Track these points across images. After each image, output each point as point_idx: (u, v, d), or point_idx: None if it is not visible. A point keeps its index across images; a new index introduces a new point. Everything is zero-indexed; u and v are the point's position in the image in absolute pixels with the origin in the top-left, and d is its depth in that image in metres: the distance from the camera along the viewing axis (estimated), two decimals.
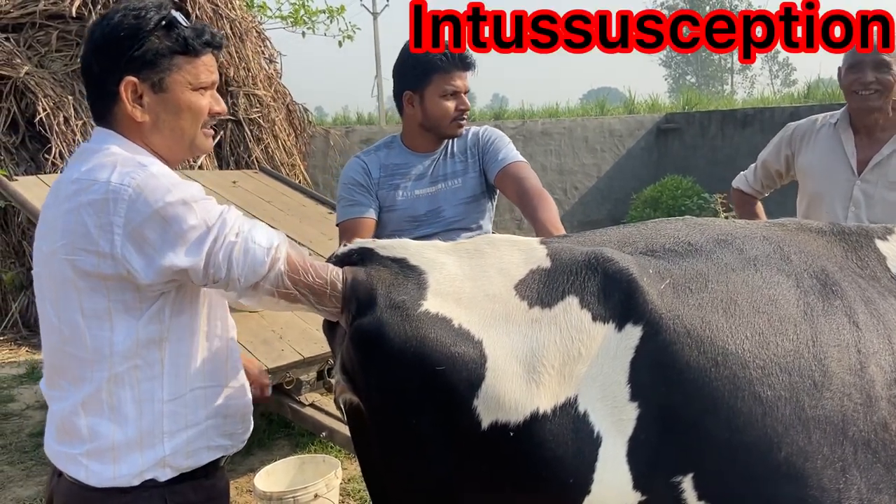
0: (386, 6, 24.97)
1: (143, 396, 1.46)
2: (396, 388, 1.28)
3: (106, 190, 1.37)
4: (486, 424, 1.25)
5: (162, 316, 1.45)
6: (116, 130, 1.51)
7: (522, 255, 1.39)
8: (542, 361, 1.27)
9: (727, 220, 1.71)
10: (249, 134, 8.00)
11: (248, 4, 9.56)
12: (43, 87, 6.81)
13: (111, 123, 1.52)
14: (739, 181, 3.15)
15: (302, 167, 8.71)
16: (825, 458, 1.32)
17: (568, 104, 14.60)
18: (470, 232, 2.47)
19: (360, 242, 1.45)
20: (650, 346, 1.29)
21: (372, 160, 2.51)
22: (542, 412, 1.25)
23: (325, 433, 3.33)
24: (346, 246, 1.46)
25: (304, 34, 11.25)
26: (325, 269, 1.38)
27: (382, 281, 1.33)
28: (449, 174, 2.50)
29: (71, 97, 6.90)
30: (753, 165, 3.10)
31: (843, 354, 1.39)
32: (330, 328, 1.50)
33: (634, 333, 1.30)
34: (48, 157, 6.56)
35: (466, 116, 2.46)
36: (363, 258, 1.40)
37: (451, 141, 2.53)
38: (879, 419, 1.38)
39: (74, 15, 7.10)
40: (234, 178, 5.79)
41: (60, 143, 6.63)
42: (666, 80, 50.72)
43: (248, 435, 1.68)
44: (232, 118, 7.84)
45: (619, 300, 1.31)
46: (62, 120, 6.73)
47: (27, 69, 6.84)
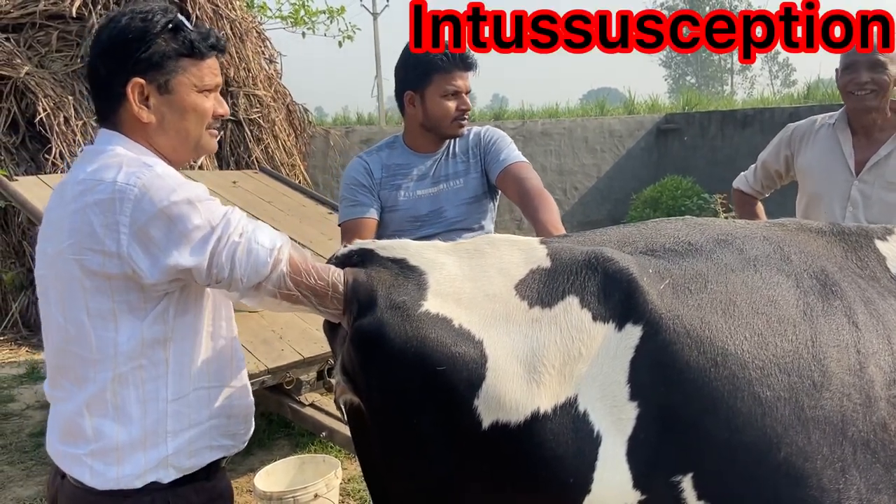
0: (386, 6, 24.94)
1: (147, 396, 1.47)
2: (397, 388, 1.28)
3: (112, 190, 1.38)
4: (486, 424, 1.25)
5: (166, 316, 1.46)
6: (121, 132, 1.52)
7: (522, 254, 1.39)
8: (542, 361, 1.27)
9: (727, 220, 1.71)
10: (249, 134, 8.01)
11: (248, 5, 9.58)
12: (43, 87, 6.81)
13: (116, 125, 1.53)
14: (740, 181, 3.16)
15: (302, 167, 8.72)
16: (824, 458, 1.32)
17: (568, 104, 14.61)
18: (472, 232, 2.46)
19: (360, 243, 1.45)
20: (650, 345, 1.30)
21: (374, 160, 2.51)
22: (542, 412, 1.26)
23: (324, 433, 3.33)
24: (346, 247, 1.46)
25: (304, 34, 11.27)
26: (326, 270, 1.38)
27: (383, 282, 1.33)
28: (451, 174, 2.50)
29: (71, 97, 6.91)
30: (753, 166, 3.11)
31: (842, 355, 1.39)
32: (331, 329, 1.50)
33: (634, 333, 1.30)
34: (48, 157, 6.57)
35: (467, 116, 2.45)
36: (363, 259, 1.41)
37: (452, 141, 2.52)
38: (879, 419, 1.38)
39: (75, 15, 7.11)
40: (234, 178, 5.79)
41: (60, 143, 6.63)
42: (666, 80, 50.75)
43: (249, 435, 1.69)
44: (232, 118, 7.85)
45: (619, 300, 1.32)
46: (62, 120, 6.73)
47: (27, 69, 6.85)
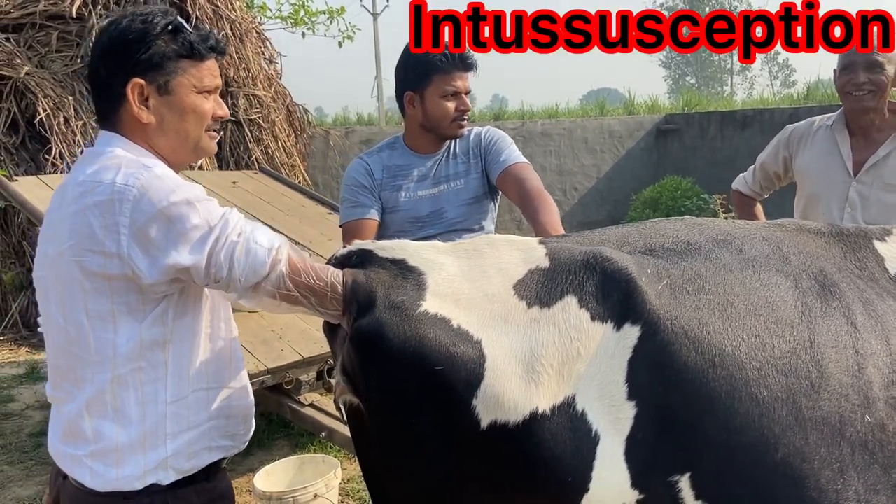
0: (386, 7, 24.94)
1: (146, 398, 1.47)
2: (396, 388, 1.28)
3: (111, 191, 1.38)
4: (485, 424, 1.25)
5: (165, 318, 1.46)
6: (121, 133, 1.53)
7: (521, 254, 1.40)
8: (540, 361, 1.27)
9: (726, 220, 1.71)
10: (249, 134, 8.01)
11: (248, 5, 9.58)
12: (43, 87, 6.81)
13: (116, 126, 1.53)
14: (739, 183, 3.16)
15: (302, 168, 8.73)
16: (822, 459, 1.32)
17: (568, 105, 14.60)
18: (472, 233, 2.46)
19: (359, 244, 1.45)
20: (648, 345, 1.30)
21: (375, 161, 2.51)
22: (540, 411, 1.26)
23: (324, 433, 3.33)
24: (345, 248, 1.47)
25: (304, 35, 11.28)
26: (325, 271, 1.39)
27: (382, 283, 1.33)
28: (451, 175, 2.50)
29: (71, 97, 6.91)
30: (752, 167, 3.11)
31: (840, 356, 1.39)
32: (331, 330, 1.50)
33: (632, 333, 1.30)
34: (48, 157, 6.57)
35: (467, 117, 2.45)
36: (363, 260, 1.41)
37: (453, 142, 2.52)
38: (877, 420, 1.38)
39: (75, 15, 7.11)
40: (234, 178, 5.79)
41: (60, 143, 6.64)
42: (665, 81, 50.73)
43: (249, 436, 1.69)
44: (232, 119, 7.85)
45: (617, 300, 1.32)
46: (62, 120, 6.73)
47: (27, 69, 6.85)
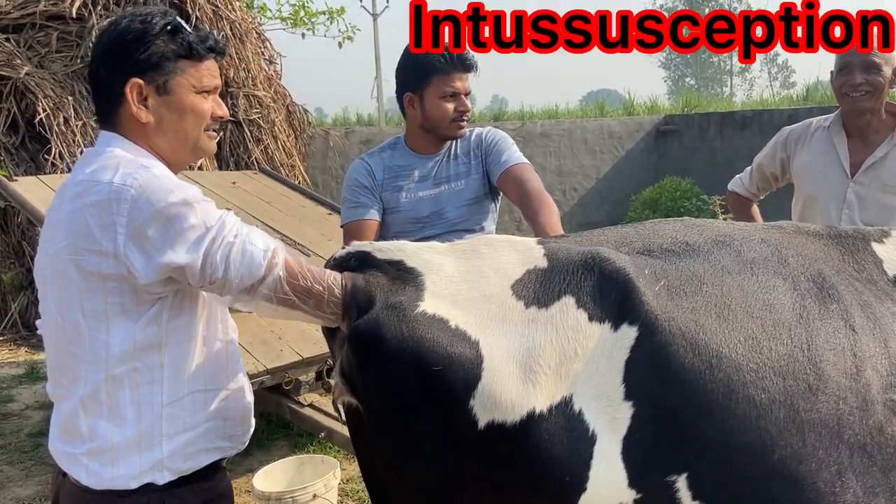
0: (386, 7, 24.92)
1: (142, 399, 1.47)
2: (394, 388, 1.29)
3: (109, 190, 1.39)
4: (482, 424, 1.25)
5: (160, 320, 1.47)
6: (120, 133, 1.53)
7: (519, 255, 1.40)
8: (538, 361, 1.27)
9: (725, 221, 1.71)
10: (249, 135, 8.01)
11: (248, 5, 9.58)
12: (43, 87, 6.81)
13: (116, 126, 1.54)
14: (735, 184, 3.16)
15: (301, 168, 8.73)
16: (820, 461, 1.32)
17: (567, 106, 14.60)
18: (473, 233, 2.45)
19: (357, 246, 1.45)
20: (645, 346, 1.30)
21: (376, 162, 2.51)
22: (538, 411, 1.26)
23: (323, 433, 3.33)
24: (343, 249, 1.47)
25: (303, 35, 11.29)
26: (322, 274, 1.39)
27: (381, 287, 1.34)
28: (452, 176, 2.50)
29: (71, 98, 6.91)
30: (749, 168, 3.11)
31: (838, 358, 1.39)
32: (330, 331, 1.51)
33: (630, 334, 1.31)
34: (48, 157, 6.57)
35: (467, 118, 2.45)
36: (361, 262, 1.41)
37: (454, 142, 2.53)
38: (875, 423, 1.38)
39: (74, 16, 7.11)
40: (233, 178, 5.79)
41: (60, 143, 6.63)
42: (665, 82, 50.70)
43: (248, 436, 1.69)
44: (232, 119, 7.85)
45: (615, 300, 1.32)
46: (62, 120, 6.73)
47: (27, 70, 6.85)
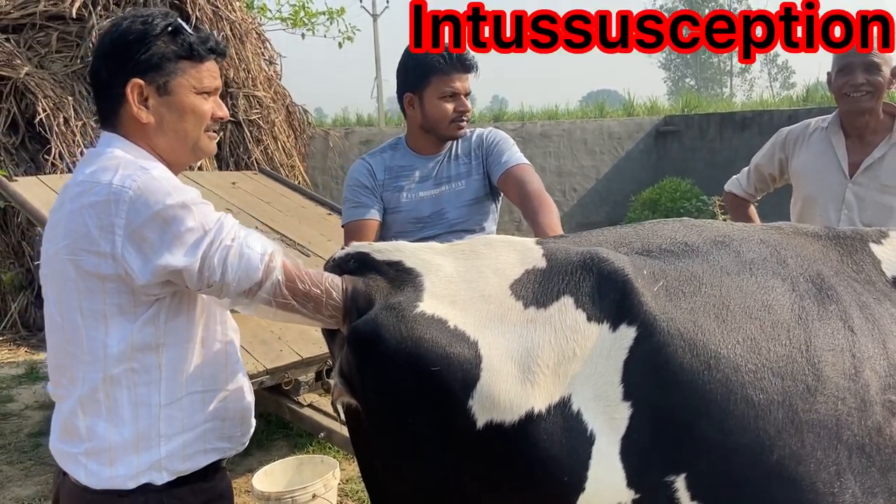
0: (386, 8, 24.92)
1: (139, 400, 1.48)
2: (393, 388, 1.29)
3: (108, 192, 1.39)
4: (481, 424, 1.25)
5: (157, 321, 1.47)
6: (121, 133, 1.54)
7: (518, 255, 1.40)
8: (536, 361, 1.27)
9: (724, 222, 1.71)
10: (249, 135, 8.01)
11: (248, 6, 9.58)
12: (43, 87, 6.81)
13: (117, 126, 1.54)
14: (732, 185, 3.16)
15: (301, 168, 8.73)
16: (819, 461, 1.32)
17: (567, 106, 14.59)
18: (473, 234, 2.45)
19: (356, 247, 1.45)
20: (644, 347, 1.30)
21: (377, 162, 2.52)
22: (536, 411, 1.26)
23: (323, 434, 3.33)
24: (342, 250, 1.47)
25: (303, 36, 11.27)
26: (320, 277, 1.39)
27: (381, 290, 1.34)
28: (453, 176, 2.50)
29: (71, 98, 6.91)
30: (746, 169, 3.11)
31: (837, 359, 1.39)
32: (330, 333, 1.51)
33: (628, 334, 1.31)
34: (48, 157, 6.57)
35: (466, 118, 2.45)
36: (359, 263, 1.41)
37: (455, 143, 2.53)
38: (874, 423, 1.38)
39: (75, 16, 7.11)
40: (233, 179, 5.79)
41: (60, 143, 6.63)
42: (665, 82, 50.68)
43: (248, 437, 1.69)
44: (232, 119, 7.84)
45: (613, 300, 1.32)
46: (62, 121, 6.73)
47: (27, 70, 6.85)
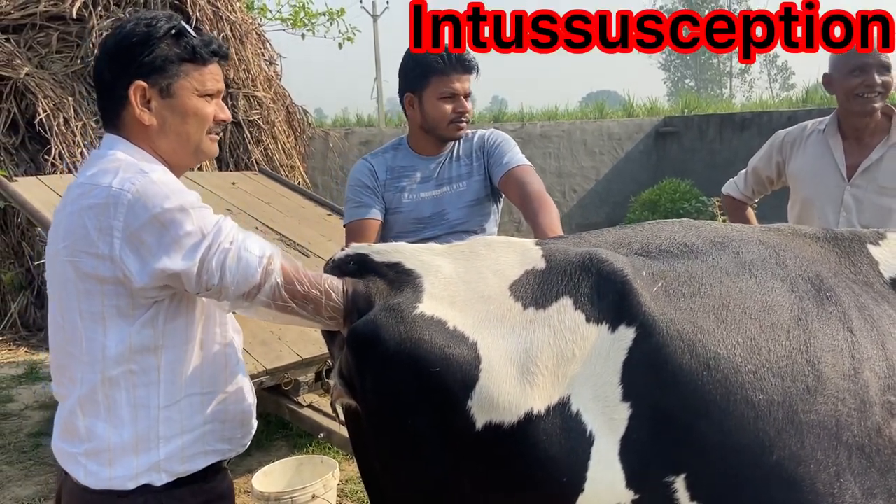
0: (386, 8, 24.96)
1: (138, 402, 1.48)
2: (392, 389, 1.29)
3: (107, 194, 1.39)
4: (480, 425, 1.26)
5: (156, 322, 1.47)
6: (124, 135, 1.54)
7: (517, 256, 1.40)
8: (535, 362, 1.27)
9: (724, 223, 1.71)
10: (249, 135, 8.01)
11: (248, 6, 9.58)
12: (43, 88, 6.81)
13: (119, 128, 1.55)
14: (730, 188, 3.15)
15: (301, 169, 8.72)
16: (818, 462, 1.32)
17: (567, 107, 14.58)
18: (474, 234, 2.46)
19: (355, 248, 1.45)
20: (643, 347, 1.30)
21: (379, 162, 2.53)
22: (535, 412, 1.26)
23: (322, 434, 3.34)
24: (342, 251, 1.47)
25: (303, 36, 11.27)
26: (319, 278, 1.40)
27: (381, 291, 1.35)
28: (454, 177, 2.51)
29: (71, 98, 6.91)
30: (744, 172, 3.10)
31: (837, 360, 1.39)
32: (330, 334, 1.51)
33: (627, 335, 1.31)
34: (48, 157, 6.56)
35: (465, 119, 2.45)
36: (359, 264, 1.41)
37: (457, 144, 2.53)
38: (873, 424, 1.38)
39: (75, 16, 7.11)
40: (233, 179, 5.79)
41: (60, 144, 6.63)
42: (665, 83, 50.66)
43: (249, 439, 1.69)
44: (232, 120, 7.84)
45: (612, 301, 1.32)
46: (62, 121, 6.73)
47: (27, 70, 6.84)
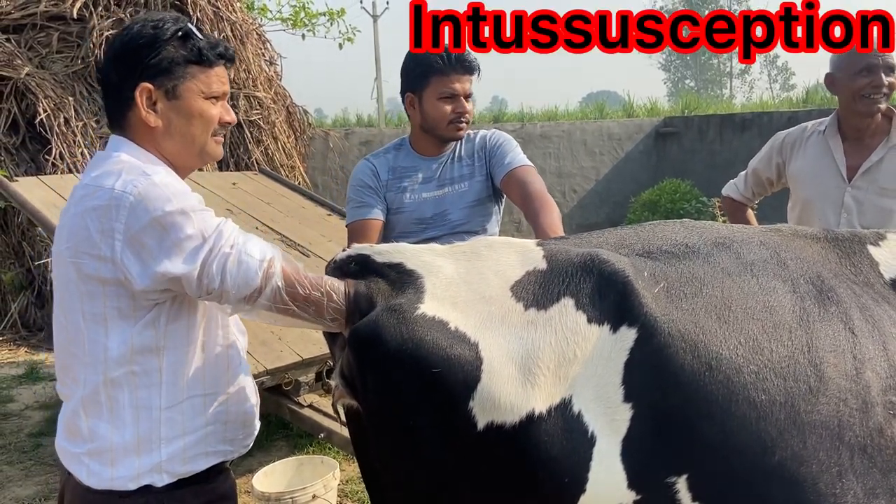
0: (386, 8, 24.99)
1: (140, 403, 1.48)
2: (393, 389, 1.29)
3: (109, 196, 1.40)
4: (481, 425, 1.25)
5: (157, 324, 1.47)
6: (129, 137, 1.55)
7: (519, 256, 1.40)
8: (537, 363, 1.27)
9: (724, 223, 1.71)
10: (249, 136, 8.01)
11: (248, 6, 9.59)
12: (43, 88, 6.81)
13: (125, 129, 1.55)
14: (730, 189, 3.15)
15: (301, 169, 8.72)
16: (821, 462, 1.32)
17: (567, 107, 14.58)
18: (476, 235, 2.46)
19: (356, 248, 1.45)
20: (644, 348, 1.30)
21: (381, 162, 2.53)
22: (537, 413, 1.26)
23: (323, 434, 3.34)
24: (343, 252, 1.47)
25: (304, 36, 11.28)
26: (320, 280, 1.40)
27: (381, 291, 1.35)
28: (456, 178, 2.51)
29: (71, 98, 6.91)
30: (744, 173, 3.10)
31: (839, 360, 1.39)
32: (331, 334, 1.51)
33: (629, 336, 1.31)
34: (48, 158, 6.57)
35: (465, 119, 2.44)
36: (360, 265, 1.41)
37: (458, 144, 2.53)
38: (875, 424, 1.38)
39: (75, 16, 7.11)
40: (233, 179, 5.79)
41: (61, 144, 6.63)
42: (665, 83, 50.70)
43: (251, 440, 1.69)
44: None
45: (614, 302, 1.32)
46: (62, 121, 6.73)
47: (28, 70, 6.85)
